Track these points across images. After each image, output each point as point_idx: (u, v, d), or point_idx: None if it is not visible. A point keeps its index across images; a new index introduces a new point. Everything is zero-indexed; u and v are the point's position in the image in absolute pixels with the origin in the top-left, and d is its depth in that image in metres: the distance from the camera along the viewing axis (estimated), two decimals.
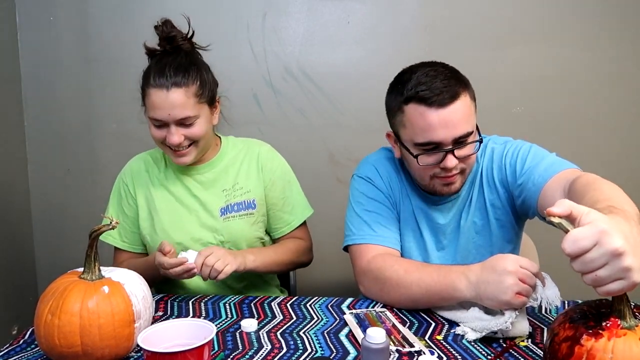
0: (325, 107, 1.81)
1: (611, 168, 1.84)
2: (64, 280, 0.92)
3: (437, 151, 1.07)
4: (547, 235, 1.86)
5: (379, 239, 1.18)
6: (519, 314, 0.94)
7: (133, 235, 1.37)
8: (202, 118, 1.24)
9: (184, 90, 1.19)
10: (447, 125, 1.04)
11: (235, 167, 1.36)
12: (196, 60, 1.26)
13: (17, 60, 1.83)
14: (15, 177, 1.85)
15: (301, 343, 0.96)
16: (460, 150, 1.08)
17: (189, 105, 1.20)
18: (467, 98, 1.08)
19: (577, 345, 0.69)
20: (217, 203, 1.32)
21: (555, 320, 0.77)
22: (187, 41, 1.26)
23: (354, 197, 1.25)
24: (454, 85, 1.06)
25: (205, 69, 1.27)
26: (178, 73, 1.19)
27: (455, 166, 1.09)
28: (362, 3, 1.79)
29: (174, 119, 1.20)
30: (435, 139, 1.06)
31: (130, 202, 1.35)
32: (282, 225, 1.38)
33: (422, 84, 1.05)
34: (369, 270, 1.14)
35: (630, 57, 1.77)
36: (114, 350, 0.88)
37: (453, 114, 1.04)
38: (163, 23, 1.24)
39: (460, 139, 1.07)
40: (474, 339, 0.94)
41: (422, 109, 1.05)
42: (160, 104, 1.19)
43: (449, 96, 1.04)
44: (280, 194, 1.37)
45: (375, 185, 1.24)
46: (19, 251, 1.86)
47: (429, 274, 1.04)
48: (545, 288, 0.96)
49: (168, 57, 1.22)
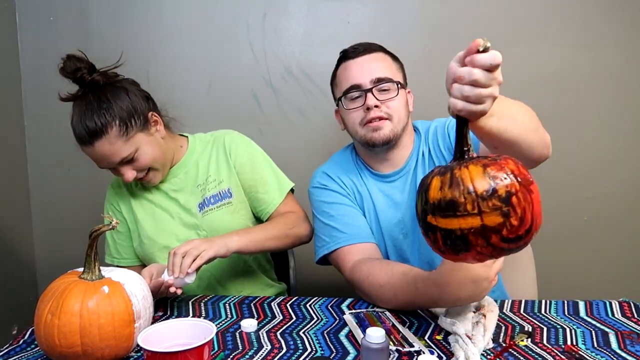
0: (325, 107, 1.81)
1: (612, 168, 1.84)
2: (64, 280, 0.92)
3: (358, 90, 1.20)
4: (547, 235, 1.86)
5: (351, 238, 1.21)
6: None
7: (130, 249, 1.40)
8: (143, 147, 1.22)
9: (105, 138, 1.16)
10: (363, 68, 1.21)
11: (205, 160, 1.36)
12: (109, 95, 1.18)
13: (17, 60, 1.83)
14: (15, 177, 1.85)
15: (301, 343, 0.96)
16: (381, 94, 1.20)
17: (118, 149, 1.18)
18: (386, 57, 1.25)
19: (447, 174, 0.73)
20: (194, 200, 1.33)
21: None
22: (97, 73, 1.20)
23: (315, 208, 1.31)
24: (372, 45, 1.25)
25: (121, 99, 1.19)
26: (92, 122, 1.14)
27: (379, 107, 1.18)
28: (362, 3, 1.79)
29: (113, 164, 1.20)
30: (355, 82, 1.21)
31: (119, 219, 1.38)
32: (264, 206, 1.36)
33: (346, 49, 1.26)
34: (352, 282, 1.17)
35: (631, 57, 1.77)
36: (114, 350, 0.88)
37: (369, 60, 1.22)
38: (64, 62, 1.17)
39: (378, 82, 1.19)
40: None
41: (345, 63, 1.25)
42: (94, 158, 1.20)
43: (363, 49, 1.24)
44: (252, 176, 1.35)
45: (330, 188, 1.29)
46: (19, 251, 1.86)
47: (405, 289, 1.04)
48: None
49: (81, 104, 1.17)
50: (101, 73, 1.21)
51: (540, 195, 0.73)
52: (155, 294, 1.07)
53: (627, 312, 1.05)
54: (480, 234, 0.69)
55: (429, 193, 0.73)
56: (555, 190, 1.82)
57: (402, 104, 1.22)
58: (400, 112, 1.22)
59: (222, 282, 1.37)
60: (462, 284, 0.93)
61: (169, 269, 1.10)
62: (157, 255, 1.33)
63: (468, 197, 0.69)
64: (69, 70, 1.17)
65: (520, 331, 0.98)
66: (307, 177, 1.38)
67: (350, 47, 1.26)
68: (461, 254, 0.73)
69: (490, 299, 1.02)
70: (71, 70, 1.17)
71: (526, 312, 1.07)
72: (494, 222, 0.69)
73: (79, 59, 1.18)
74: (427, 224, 0.73)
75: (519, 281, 1.38)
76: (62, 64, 1.17)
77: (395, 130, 1.21)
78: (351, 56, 1.23)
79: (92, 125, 1.15)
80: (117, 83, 1.23)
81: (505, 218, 0.69)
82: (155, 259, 1.32)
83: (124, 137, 1.18)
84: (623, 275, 1.87)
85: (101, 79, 1.20)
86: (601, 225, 1.85)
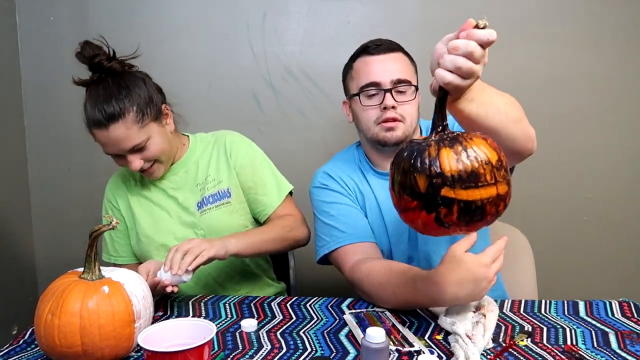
0: (325, 107, 1.81)
1: (612, 168, 1.84)
2: (64, 280, 0.92)
3: (377, 89, 1.20)
4: (547, 235, 1.87)
5: (351, 238, 1.21)
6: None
7: (127, 247, 1.40)
8: (154, 137, 1.23)
9: (122, 122, 1.17)
10: (386, 67, 1.21)
11: (205, 160, 1.37)
12: (127, 82, 1.20)
13: (17, 60, 1.83)
14: (15, 177, 1.85)
15: (301, 343, 0.96)
16: (398, 95, 1.20)
17: (132, 135, 1.19)
18: (405, 58, 1.25)
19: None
20: (193, 199, 1.33)
21: None
22: (115, 61, 1.22)
23: (316, 208, 1.31)
24: (394, 44, 1.25)
25: (139, 87, 1.21)
26: (110, 106, 1.16)
27: (395, 108, 1.19)
28: (362, 3, 1.79)
29: (123, 151, 1.20)
30: (375, 79, 1.20)
31: (118, 216, 1.38)
32: (263, 207, 1.37)
33: (367, 44, 1.26)
34: (352, 281, 1.17)
35: (631, 57, 1.77)
36: (114, 350, 0.88)
37: (390, 60, 1.22)
38: (82, 47, 1.18)
39: (398, 83, 1.20)
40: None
41: (365, 58, 1.24)
42: (106, 142, 1.19)
43: (386, 47, 1.23)
44: (252, 177, 1.36)
45: (330, 188, 1.29)
46: (19, 251, 1.86)
47: (404, 288, 1.03)
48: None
49: (98, 89, 1.18)
50: (120, 61, 1.23)
51: (541, 195, 0.74)
52: (151, 292, 1.07)
53: (627, 312, 1.05)
54: (495, 203, 0.73)
55: (443, 167, 0.71)
56: (555, 190, 1.82)
57: (415, 107, 1.24)
58: (414, 115, 1.23)
59: (220, 281, 1.37)
60: (462, 283, 0.93)
61: (167, 265, 1.08)
62: (154, 253, 1.33)
63: (486, 167, 0.71)
64: (86, 56, 1.19)
65: (520, 331, 0.98)
66: (306, 177, 1.38)
67: (371, 42, 1.25)
68: (471, 225, 0.74)
69: (490, 299, 1.02)
70: (89, 55, 1.18)
71: (526, 312, 1.07)
72: (504, 190, 0.73)
73: (97, 46, 1.20)
74: (442, 198, 0.72)
75: (519, 281, 1.38)
76: (79, 48, 1.19)
77: (407, 133, 1.22)
78: (373, 52, 1.23)
79: (111, 109, 1.16)
80: (134, 72, 1.25)
81: (509, 187, 0.75)
82: (152, 257, 1.32)
83: (139, 124, 1.19)
84: (623, 275, 1.87)
85: (119, 67, 1.22)
86: (601, 225, 1.85)
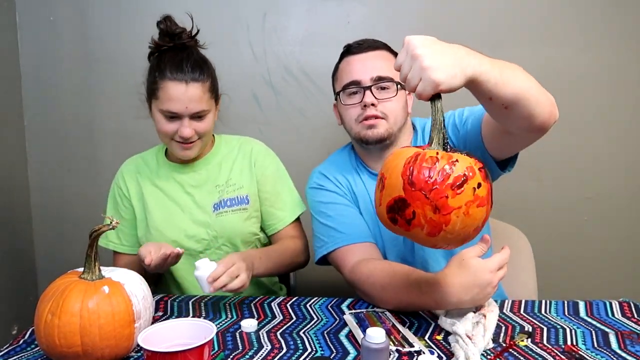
0: (325, 107, 1.81)
1: (612, 168, 1.84)
2: (64, 280, 0.92)
3: (357, 87, 1.21)
4: (547, 235, 1.87)
5: (350, 238, 1.21)
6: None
7: (132, 237, 1.38)
8: (211, 113, 1.28)
9: (201, 85, 1.23)
10: (365, 65, 1.21)
11: (229, 163, 1.37)
12: (206, 58, 1.29)
13: (17, 60, 1.83)
14: (16, 176, 1.85)
15: (301, 343, 0.96)
16: (380, 92, 1.20)
17: (204, 100, 1.24)
18: (390, 56, 1.24)
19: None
20: (210, 199, 1.33)
21: None
22: (193, 39, 1.28)
23: (313, 209, 1.31)
24: (377, 42, 1.26)
25: (212, 68, 1.30)
26: (195, 69, 1.22)
27: (375, 105, 1.19)
28: (362, 3, 1.79)
29: (189, 112, 1.22)
30: (356, 77, 1.21)
31: (126, 205, 1.37)
32: (275, 221, 1.38)
33: (350, 44, 1.27)
34: (352, 283, 1.17)
35: (630, 57, 1.77)
36: (114, 350, 0.88)
37: (371, 58, 1.22)
38: (165, 19, 1.25)
39: (378, 80, 1.19)
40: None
41: (348, 57, 1.25)
42: (178, 96, 1.21)
43: (367, 46, 1.24)
44: (272, 189, 1.38)
45: (326, 188, 1.29)
46: (19, 251, 1.86)
47: (407, 290, 1.03)
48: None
49: (182, 53, 1.24)
50: (197, 41, 1.29)
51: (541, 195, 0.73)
52: (161, 266, 1.12)
53: (627, 312, 1.05)
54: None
55: None
56: (556, 190, 1.82)
57: (400, 104, 1.22)
58: (397, 113, 1.22)
59: None
60: (468, 287, 0.94)
61: (211, 278, 1.05)
62: None
63: None
64: (170, 31, 1.24)
65: (520, 331, 0.98)
66: (306, 177, 1.38)
67: (355, 42, 1.26)
68: None
69: (490, 299, 1.02)
70: (172, 31, 1.24)
71: (526, 312, 1.07)
72: None
73: (176, 23, 1.26)
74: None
75: (519, 281, 1.38)
76: (163, 23, 1.24)
77: (391, 131, 1.21)
78: (354, 51, 1.24)
79: (197, 70, 1.22)
80: None
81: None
82: None
83: (210, 94, 1.26)
84: (623, 275, 1.87)
85: (195, 45, 1.29)
86: (601, 225, 1.85)
